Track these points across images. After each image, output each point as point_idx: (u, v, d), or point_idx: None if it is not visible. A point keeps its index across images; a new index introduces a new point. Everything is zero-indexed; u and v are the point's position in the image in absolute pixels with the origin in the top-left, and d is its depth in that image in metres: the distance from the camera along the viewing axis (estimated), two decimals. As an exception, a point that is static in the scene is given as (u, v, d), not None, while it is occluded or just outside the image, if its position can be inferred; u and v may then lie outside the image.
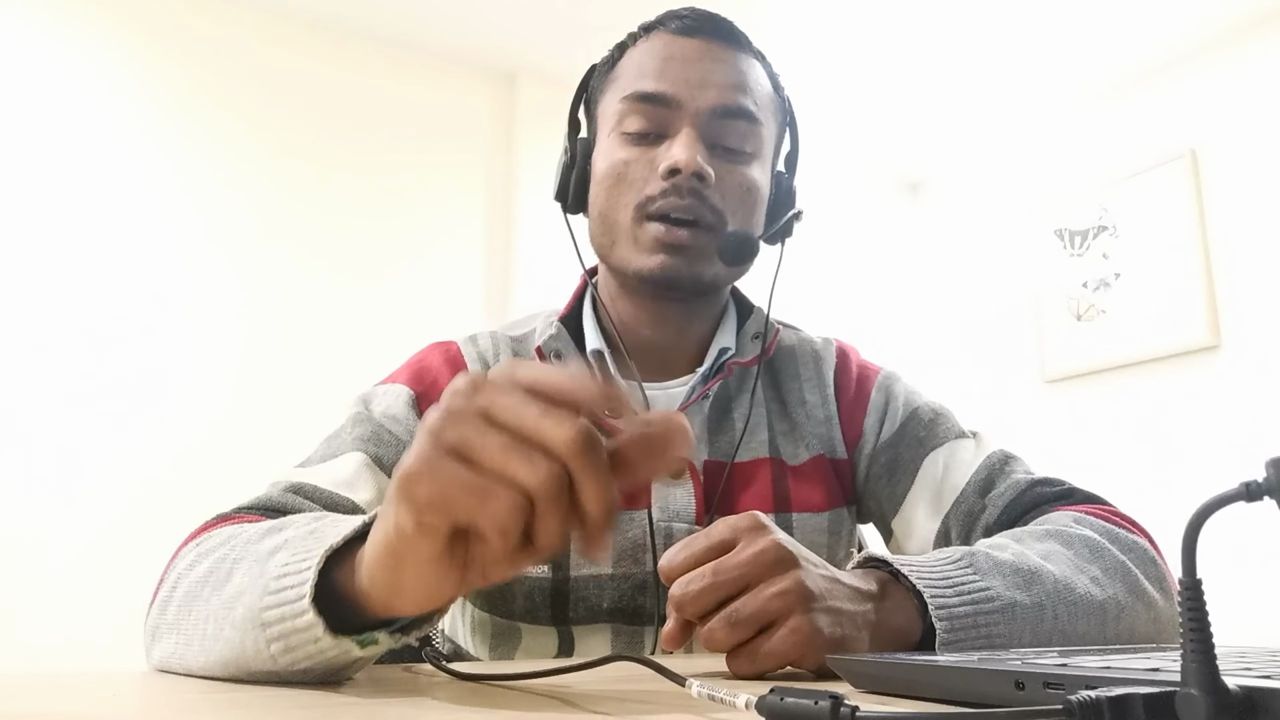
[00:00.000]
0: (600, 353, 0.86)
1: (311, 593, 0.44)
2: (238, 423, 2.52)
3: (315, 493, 0.72)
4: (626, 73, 0.85)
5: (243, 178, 2.66)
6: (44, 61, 2.46)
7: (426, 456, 0.39)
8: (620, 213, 0.83)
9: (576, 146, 0.88)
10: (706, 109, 0.82)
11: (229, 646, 0.48)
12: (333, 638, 0.44)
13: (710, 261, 0.83)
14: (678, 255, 0.81)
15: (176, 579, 0.56)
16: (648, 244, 0.82)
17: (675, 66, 0.82)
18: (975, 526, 0.81)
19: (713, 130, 0.82)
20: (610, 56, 0.90)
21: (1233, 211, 2.85)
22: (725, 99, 0.82)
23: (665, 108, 0.82)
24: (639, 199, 0.82)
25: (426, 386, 0.84)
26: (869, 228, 3.75)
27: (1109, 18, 2.82)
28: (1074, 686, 0.31)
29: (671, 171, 0.80)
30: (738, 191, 0.83)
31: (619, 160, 0.83)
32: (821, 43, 2.94)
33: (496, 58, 3.02)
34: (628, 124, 0.83)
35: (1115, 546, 0.69)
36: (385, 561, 0.42)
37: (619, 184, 0.83)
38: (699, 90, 0.82)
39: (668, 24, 0.85)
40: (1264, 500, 0.27)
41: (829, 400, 0.90)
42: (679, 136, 0.81)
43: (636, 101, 0.82)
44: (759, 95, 0.85)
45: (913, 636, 0.58)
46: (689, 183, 0.80)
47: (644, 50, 0.85)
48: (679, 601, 0.53)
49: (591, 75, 0.92)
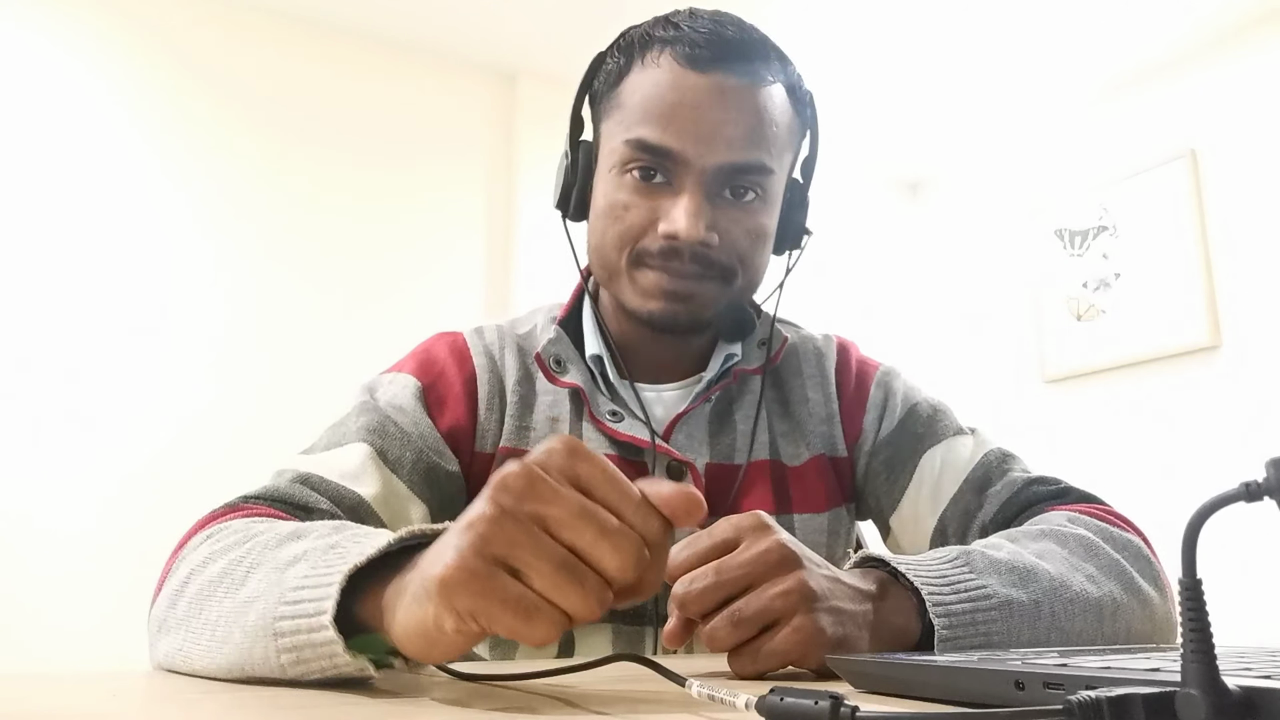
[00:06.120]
0: (600, 358, 0.85)
1: (333, 610, 0.44)
2: (238, 417, 2.52)
3: (322, 484, 0.71)
4: (631, 102, 0.79)
5: (242, 178, 2.66)
6: (40, 63, 2.46)
7: (470, 565, 0.38)
8: (614, 254, 0.80)
9: (578, 153, 0.84)
10: (714, 166, 0.76)
11: (237, 650, 0.48)
12: (351, 656, 0.44)
13: (713, 304, 0.80)
14: (679, 303, 0.79)
15: (189, 574, 0.56)
16: (648, 289, 0.79)
17: (683, 114, 0.76)
18: (971, 524, 0.81)
19: (720, 180, 0.78)
20: (616, 64, 0.82)
21: (1233, 211, 2.85)
22: (735, 156, 0.77)
23: (670, 160, 0.77)
24: (636, 247, 0.79)
25: (434, 378, 0.83)
26: (869, 228, 3.74)
27: (1109, 18, 2.82)
28: (1074, 686, 0.31)
29: (671, 236, 0.76)
30: (745, 241, 0.80)
31: (618, 202, 0.79)
32: (822, 43, 2.93)
33: (496, 58, 3.02)
34: (630, 166, 0.78)
35: (1109, 545, 0.69)
36: (418, 642, 0.42)
37: (615, 225, 0.79)
38: (707, 146, 0.76)
39: (678, 47, 0.77)
40: (1264, 500, 0.27)
41: (831, 398, 0.90)
42: (681, 199, 0.76)
43: (640, 150, 0.77)
44: (775, 136, 0.79)
45: (912, 635, 0.58)
46: (690, 249, 0.77)
47: (651, 81, 0.78)
48: (682, 600, 0.54)
49: (597, 71, 0.85)
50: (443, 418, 0.81)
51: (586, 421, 0.83)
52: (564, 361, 0.85)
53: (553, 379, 0.84)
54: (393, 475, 0.75)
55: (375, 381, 0.84)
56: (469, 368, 0.85)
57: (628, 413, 0.83)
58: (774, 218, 0.84)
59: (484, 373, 0.84)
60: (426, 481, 0.77)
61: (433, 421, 0.80)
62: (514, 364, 0.86)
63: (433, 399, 0.82)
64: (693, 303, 0.79)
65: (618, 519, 0.40)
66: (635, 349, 0.88)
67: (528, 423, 0.84)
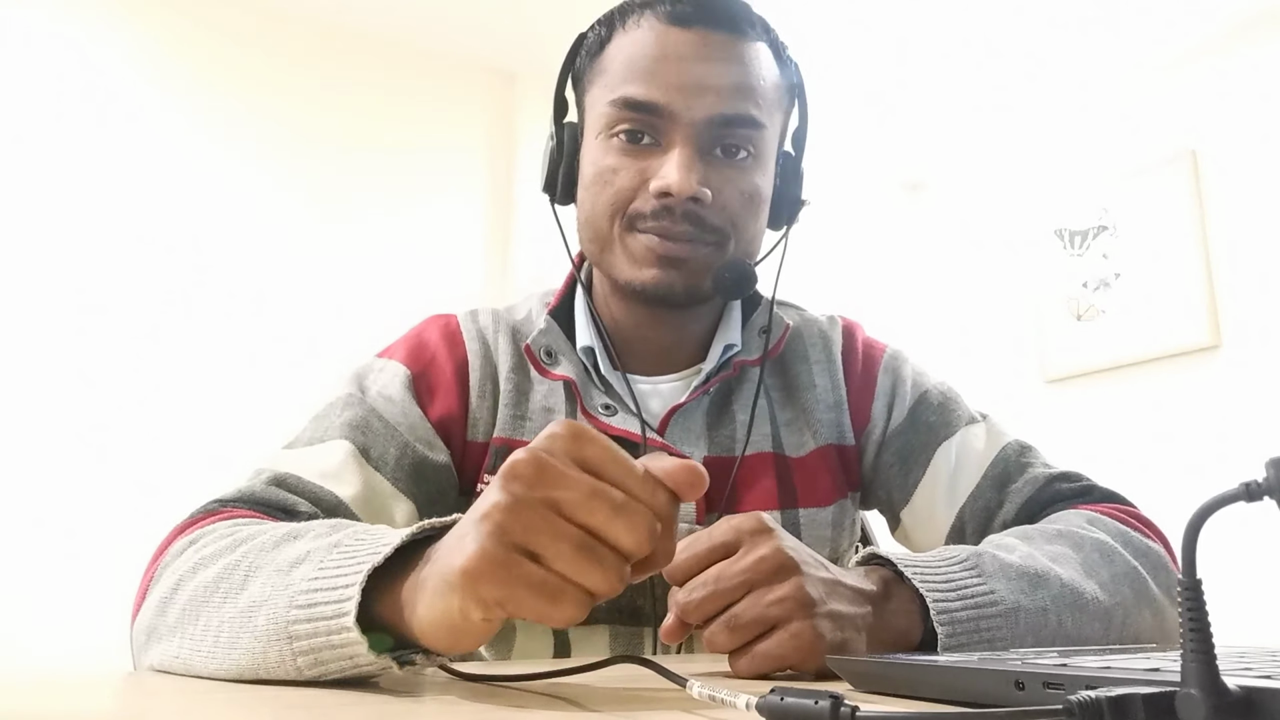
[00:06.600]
0: (591, 349, 0.83)
1: (355, 611, 0.44)
2: (238, 417, 2.52)
3: (299, 485, 0.69)
4: (614, 66, 0.78)
5: (241, 179, 2.66)
6: (53, 55, 2.46)
7: (492, 554, 0.39)
8: (606, 222, 0.78)
9: (564, 134, 0.82)
10: (703, 119, 0.74)
11: (248, 655, 0.48)
12: (374, 656, 0.44)
13: (708, 271, 0.77)
14: (673, 268, 0.76)
15: (177, 581, 0.55)
16: (640, 255, 0.76)
17: (668, 68, 0.74)
18: (992, 522, 0.79)
19: (710, 137, 0.75)
20: (597, 36, 0.82)
21: (1233, 211, 2.84)
22: (724, 107, 0.75)
23: (657, 116, 0.75)
24: (629, 211, 0.76)
25: (424, 365, 0.82)
26: (869, 228, 3.74)
27: (1109, 18, 2.82)
28: (1074, 686, 0.31)
29: (663, 193, 0.74)
30: (738, 201, 0.77)
31: (606, 167, 0.77)
32: (822, 43, 2.93)
33: (496, 58, 3.02)
34: (616, 129, 0.76)
35: (1128, 550, 0.68)
36: (444, 634, 0.42)
37: (605, 191, 0.77)
38: (695, 98, 0.74)
39: (659, 7, 0.77)
40: (1264, 500, 0.27)
41: (839, 384, 0.87)
42: (672, 154, 0.74)
43: (625, 109, 0.75)
44: (764, 91, 0.77)
45: (914, 638, 0.58)
46: (683, 206, 0.74)
47: (633, 41, 0.77)
48: (682, 609, 0.54)
49: (578, 51, 0.84)
50: (433, 406, 0.80)
51: (581, 415, 0.81)
52: (555, 353, 0.83)
53: (543, 371, 0.82)
54: (375, 473, 0.73)
55: (365, 369, 0.82)
56: (461, 352, 0.83)
57: (621, 406, 0.81)
58: (768, 180, 0.81)
59: (476, 358, 0.83)
60: (412, 477, 0.75)
61: (423, 411, 0.79)
62: (508, 350, 0.84)
63: (423, 387, 0.80)
64: (685, 269, 0.76)
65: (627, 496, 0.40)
66: (630, 338, 0.85)
67: (523, 412, 0.82)
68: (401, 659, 0.45)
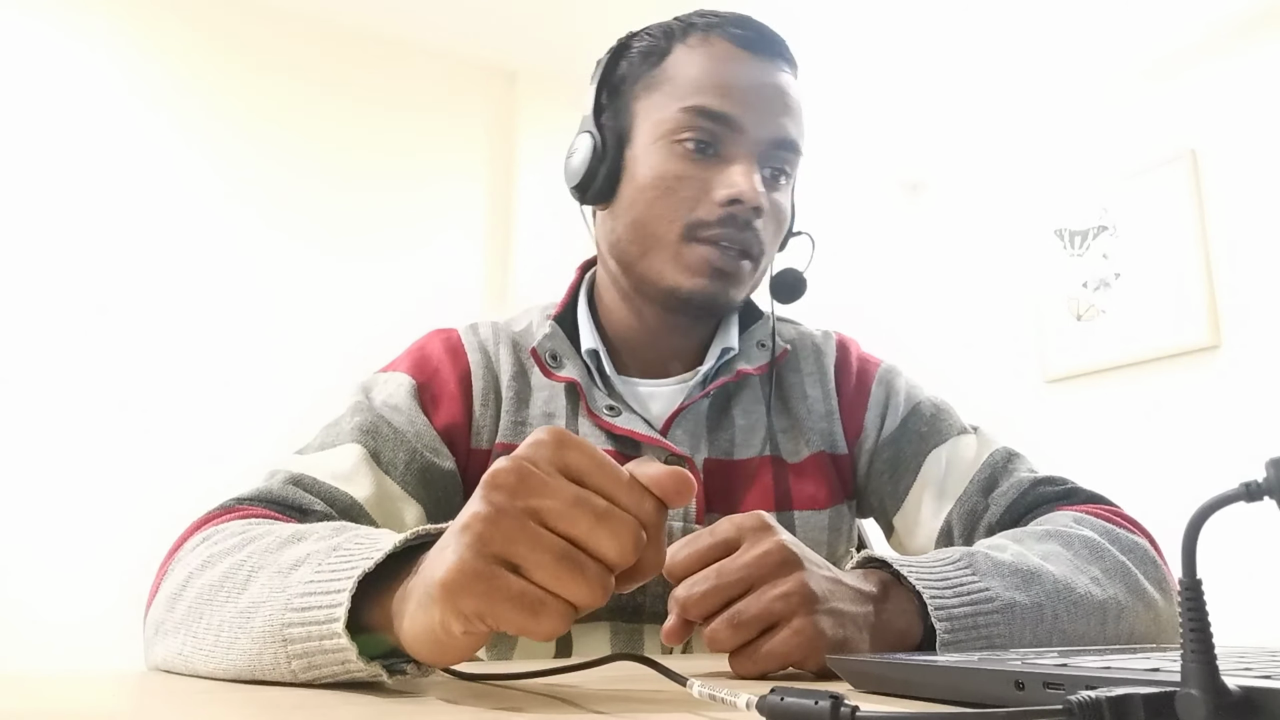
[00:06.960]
0: (595, 352, 0.85)
1: (345, 618, 0.43)
2: (237, 417, 2.52)
3: (315, 486, 0.71)
4: (683, 76, 0.81)
5: (240, 179, 2.66)
6: (54, 57, 2.46)
7: (471, 566, 0.38)
8: (664, 227, 0.80)
9: (606, 135, 0.83)
10: (768, 138, 0.80)
11: (245, 656, 0.48)
12: (365, 662, 0.44)
13: (747, 287, 0.84)
14: (721, 280, 0.80)
15: (187, 577, 0.55)
16: (695, 265, 0.80)
17: (742, 86, 0.79)
18: (978, 525, 0.81)
19: (766, 157, 0.81)
20: (654, 46, 0.84)
21: (1233, 211, 2.85)
22: (783, 132, 0.81)
23: (727, 129, 0.79)
24: (690, 219, 0.79)
25: (429, 376, 0.83)
26: (869, 228, 3.74)
27: (1109, 18, 2.82)
28: (1074, 686, 0.31)
29: (732, 201, 0.78)
30: (776, 219, 0.83)
31: (670, 174, 0.79)
32: (822, 43, 2.93)
33: (496, 58, 3.02)
34: (684, 136, 0.79)
35: (1115, 547, 0.69)
36: (428, 647, 0.41)
37: (667, 197, 0.79)
38: (764, 117, 0.79)
39: (726, 30, 0.81)
40: (1264, 500, 0.27)
41: (830, 395, 0.90)
42: (740, 165, 0.79)
43: (699, 116, 0.79)
44: (802, 126, 0.84)
45: (913, 637, 0.58)
46: (746, 215, 0.78)
47: (706, 56, 0.81)
48: (683, 603, 0.54)
49: (622, 55, 0.86)
50: (438, 415, 0.81)
51: (583, 417, 0.83)
52: (560, 356, 0.85)
53: (549, 373, 0.84)
54: (385, 476, 0.74)
55: (370, 381, 0.84)
56: (463, 364, 0.85)
57: (625, 407, 0.83)
58: (791, 207, 0.87)
59: (478, 368, 0.85)
60: (421, 481, 0.76)
61: (428, 419, 0.80)
62: (508, 360, 0.86)
63: (427, 397, 0.82)
64: (730, 282, 0.81)
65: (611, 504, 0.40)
66: (632, 344, 0.88)
67: (523, 418, 0.84)
68: (392, 668, 0.45)
